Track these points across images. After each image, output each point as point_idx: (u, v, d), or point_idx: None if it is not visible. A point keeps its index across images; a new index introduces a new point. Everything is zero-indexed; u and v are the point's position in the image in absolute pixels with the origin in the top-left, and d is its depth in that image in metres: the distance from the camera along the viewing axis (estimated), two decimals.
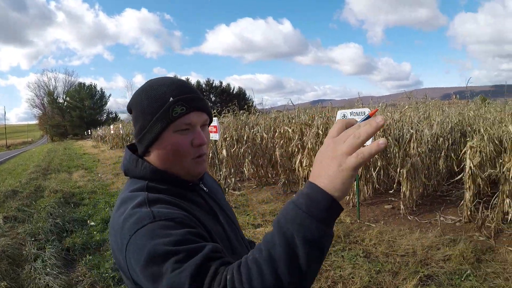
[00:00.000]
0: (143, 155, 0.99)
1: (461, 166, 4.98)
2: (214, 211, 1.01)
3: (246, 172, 8.03)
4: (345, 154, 0.63)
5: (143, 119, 0.95)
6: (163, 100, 0.93)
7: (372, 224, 4.84)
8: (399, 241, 4.21)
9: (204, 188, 1.06)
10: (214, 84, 62.46)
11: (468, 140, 4.78)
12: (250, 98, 58.60)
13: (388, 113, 7.00)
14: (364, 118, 0.66)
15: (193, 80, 67.23)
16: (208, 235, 0.87)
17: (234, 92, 62.89)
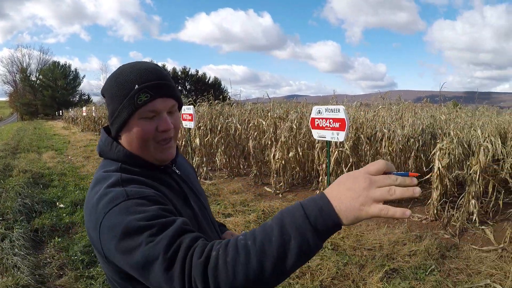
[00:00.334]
0: (116, 138, 1.02)
1: (429, 167, 5.09)
2: (184, 193, 1.04)
3: (218, 162, 7.94)
4: (373, 200, 0.67)
5: (113, 105, 0.98)
6: (129, 87, 0.95)
7: None
8: (367, 235, 4.24)
9: (177, 171, 1.09)
10: (190, 73, 61.34)
11: (438, 142, 4.88)
12: (226, 89, 58.54)
13: (362, 112, 7.09)
14: (402, 174, 0.70)
15: (169, 67, 65.74)
16: (179, 215, 0.90)
17: (210, 82, 62.14)
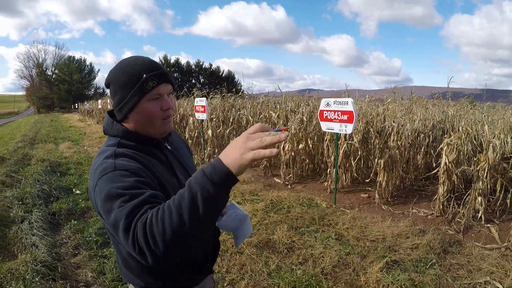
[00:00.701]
0: (121, 121, 1.24)
1: (438, 163, 5.10)
2: (171, 164, 1.27)
3: None
4: (249, 148, 0.86)
5: (122, 92, 1.18)
6: (138, 76, 1.17)
7: (346, 210, 4.93)
8: (371, 227, 4.31)
9: (168, 147, 1.33)
10: (204, 66, 61.53)
11: (445, 137, 4.89)
12: (239, 82, 58.49)
13: (374, 106, 7.09)
14: (276, 130, 0.90)
15: (183, 60, 66.17)
16: (161, 185, 1.13)
17: (223, 75, 62.14)
